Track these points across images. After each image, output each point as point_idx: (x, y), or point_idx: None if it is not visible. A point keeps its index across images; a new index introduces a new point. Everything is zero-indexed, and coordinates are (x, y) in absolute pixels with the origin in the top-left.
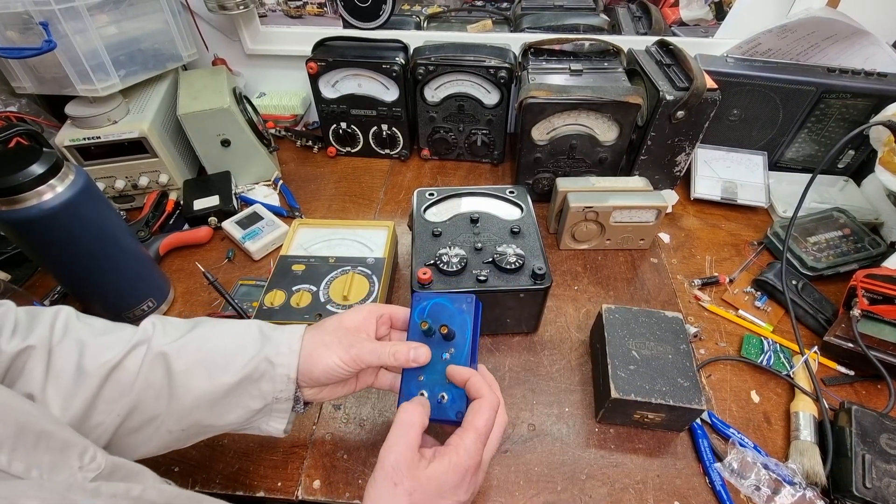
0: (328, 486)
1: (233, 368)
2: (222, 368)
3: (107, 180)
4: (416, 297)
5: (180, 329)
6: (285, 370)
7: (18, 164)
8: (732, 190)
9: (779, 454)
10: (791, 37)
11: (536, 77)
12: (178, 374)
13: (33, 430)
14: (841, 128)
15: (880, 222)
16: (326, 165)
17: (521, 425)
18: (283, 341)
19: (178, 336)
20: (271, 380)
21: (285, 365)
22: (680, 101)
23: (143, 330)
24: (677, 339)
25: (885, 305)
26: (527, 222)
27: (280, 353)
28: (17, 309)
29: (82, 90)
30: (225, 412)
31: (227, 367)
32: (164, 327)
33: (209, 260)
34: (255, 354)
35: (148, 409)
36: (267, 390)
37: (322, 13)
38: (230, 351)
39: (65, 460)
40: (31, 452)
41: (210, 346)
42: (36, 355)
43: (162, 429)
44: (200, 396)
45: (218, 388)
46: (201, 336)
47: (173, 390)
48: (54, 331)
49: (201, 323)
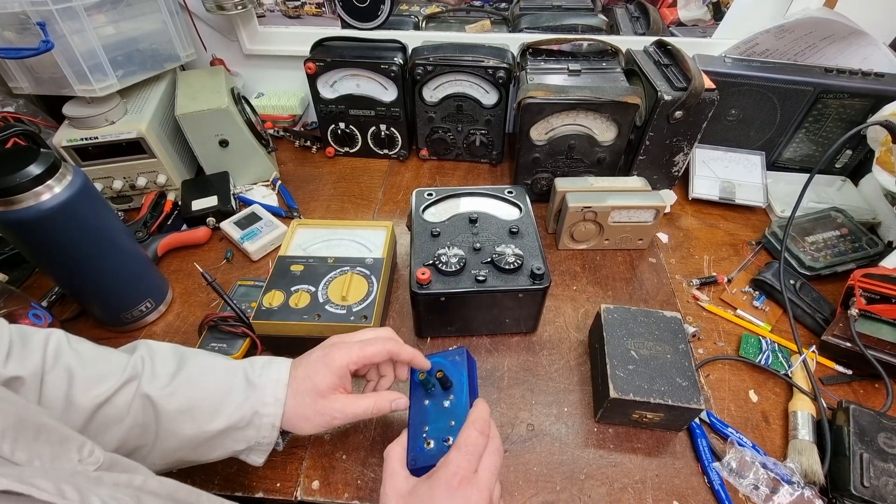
0: (327, 487)
1: (219, 417)
2: (209, 416)
3: (105, 181)
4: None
5: (168, 368)
6: (270, 419)
7: (16, 164)
8: (730, 190)
9: (777, 453)
10: (789, 37)
11: (535, 77)
12: (165, 419)
13: (33, 423)
14: (838, 128)
15: (878, 222)
16: (325, 166)
17: (519, 425)
18: (269, 391)
19: (167, 380)
20: (256, 428)
21: (270, 415)
22: (678, 101)
23: (132, 366)
24: (676, 338)
25: (882, 305)
26: (525, 222)
27: (266, 402)
28: (10, 327)
29: (80, 90)
30: (208, 452)
31: (214, 415)
32: (154, 365)
33: (208, 260)
34: (241, 403)
35: (132, 443)
36: (251, 436)
37: (320, 13)
38: (217, 399)
39: (65, 453)
40: (33, 444)
41: (198, 393)
42: (28, 383)
43: (146, 461)
44: (185, 440)
45: (203, 435)
46: (189, 380)
47: (159, 433)
48: (46, 357)
49: (187, 360)
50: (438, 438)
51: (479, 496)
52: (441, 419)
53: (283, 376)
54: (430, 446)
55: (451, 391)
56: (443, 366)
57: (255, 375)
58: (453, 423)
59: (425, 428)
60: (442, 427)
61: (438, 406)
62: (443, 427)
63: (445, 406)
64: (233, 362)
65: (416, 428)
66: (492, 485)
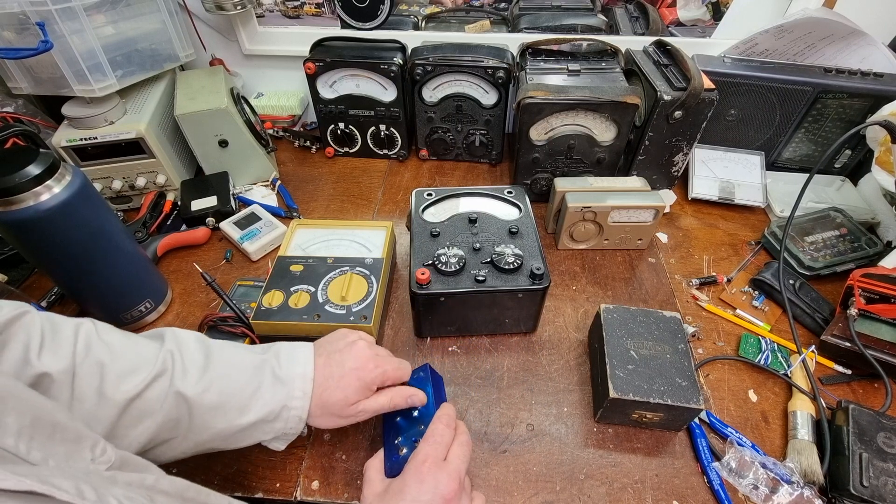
0: (326, 487)
1: (250, 412)
2: (238, 411)
3: (104, 181)
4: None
5: (197, 362)
6: (298, 412)
7: (15, 164)
8: (730, 190)
9: (777, 453)
10: (788, 37)
11: (534, 77)
12: (198, 415)
13: (48, 422)
14: (838, 128)
15: (877, 222)
16: (324, 166)
17: (519, 425)
18: (297, 386)
19: (198, 374)
20: (284, 421)
21: (298, 408)
22: (677, 101)
23: (162, 360)
24: (675, 338)
25: (881, 304)
26: (525, 222)
27: (294, 396)
28: (40, 316)
29: (79, 90)
30: (237, 442)
31: (245, 410)
32: (183, 360)
33: (207, 261)
34: (269, 399)
35: (164, 435)
36: (279, 428)
37: (320, 13)
38: (246, 394)
39: (78, 451)
40: (48, 443)
41: (227, 391)
42: (60, 379)
43: (176, 451)
44: (217, 433)
45: (234, 428)
46: (219, 377)
47: (192, 427)
48: (77, 350)
49: (213, 353)
50: (409, 443)
51: (449, 480)
52: (411, 427)
53: (309, 371)
54: (403, 452)
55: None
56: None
57: (281, 371)
58: (422, 427)
59: (398, 440)
60: (412, 433)
61: (408, 418)
62: (413, 433)
63: (414, 416)
64: (259, 357)
65: (390, 441)
66: (461, 473)
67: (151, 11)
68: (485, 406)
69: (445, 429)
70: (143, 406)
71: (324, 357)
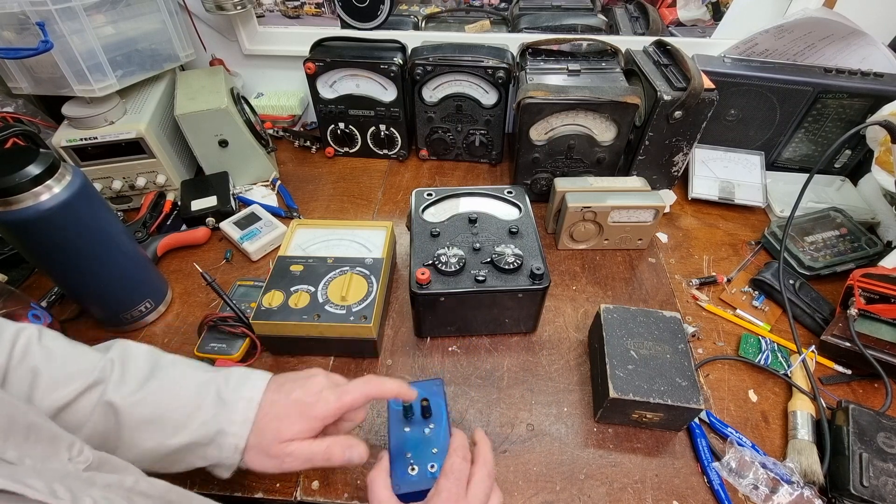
0: (326, 487)
1: (183, 433)
2: (172, 431)
3: (104, 181)
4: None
5: (140, 373)
6: (234, 440)
7: (15, 164)
8: (730, 190)
9: (777, 453)
10: (788, 37)
11: (534, 77)
12: (126, 430)
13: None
14: (838, 128)
15: (877, 222)
16: (324, 166)
17: (519, 425)
18: (239, 410)
19: (135, 387)
20: (218, 447)
21: (235, 435)
22: (677, 101)
23: (101, 368)
24: (675, 338)
25: (881, 304)
26: (525, 222)
27: (233, 421)
28: None
29: (79, 90)
30: (171, 465)
31: (178, 430)
32: (124, 372)
33: (207, 261)
34: (207, 420)
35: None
36: (213, 455)
37: (320, 13)
38: (184, 413)
39: (55, 452)
40: (23, 443)
41: (164, 405)
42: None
43: None
44: (145, 452)
45: (164, 449)
46: (158, 391)
47: (119, 444)
48: (13, 354)
49: (162, 368)
50: (423, 465)
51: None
52: (423, 446)
53: (257, 396)
54: (414, 472)
55: (431, 419)
56: (423, 395)
57: (227, 392)
58: (436, 451)
59: (408, 454)
60: (425, 454)
61: (419, 433)
62: (426, 454)
63: (427, 434)
64: (209, 375)
65: (399, 453)
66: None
67: (151, 11)
68: (485, 406)
69: (462, 462)
70: (72, 417)
71: (276, 385)
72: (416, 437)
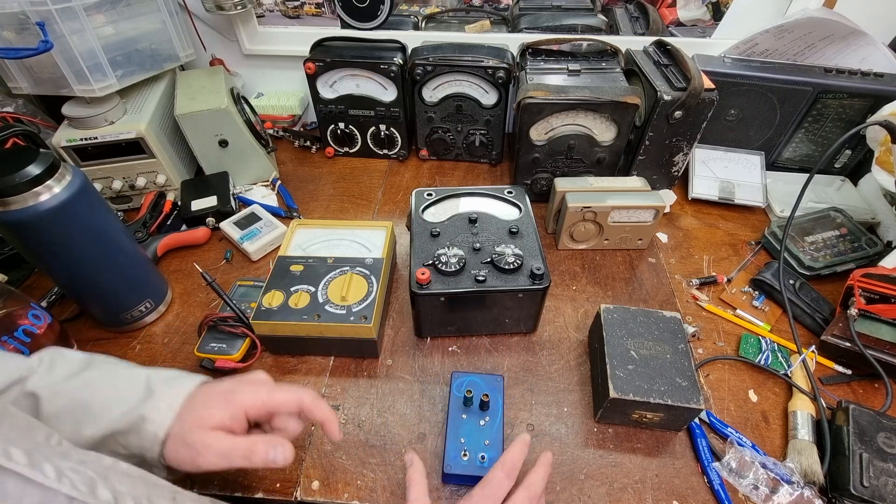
0: (327, 487)
1: (102, 422)
2: (92, 420)
3: (104, 181)
4: (455, 374)
5: (69, 370)
6: (155, 428)
7: (15, 164)
8: (730, 190)
9: (777, 453)
10: (788, 37)
11: (534, 77)
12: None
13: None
14: (838, 128)
15: (877, 222)
16: (324, 166)
17: (519, 425)
18: (165, 397)
19: (62, 377)
20: (138, 435)
21: (157, 422)
22: (677, 101)
23: (27, 366)
24: (675, 338)
25: (881, 304)
26: (525, 222)
27: (157, 408)
28: None
29: (79, 90)
30: None
31: (97, 419)
32: (53, 365)
33: (207, 261)
34: (130, 409)
35: None
36: (134, 444)
37: (320, 13)
38: (107, 403)
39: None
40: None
41: (87, 394)
42: None
43: None
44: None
45: (81, 441)
46: (84, 382)
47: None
48: None
49: (97, 365)
50: (474, 453)
51: None
52: (476, 435)
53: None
54: (466, 458)
55: (487, 413)
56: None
57: (159, 384)
58: (488, 443)
59: (462, 439)
60: (478, 443)
61: (474, 423)
62: (478, 444)
63: (481, 425)
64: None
65: (454, 436)
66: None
67: (151, 11)
68: None
69: (504, 479)
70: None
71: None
72: (472, 425)
